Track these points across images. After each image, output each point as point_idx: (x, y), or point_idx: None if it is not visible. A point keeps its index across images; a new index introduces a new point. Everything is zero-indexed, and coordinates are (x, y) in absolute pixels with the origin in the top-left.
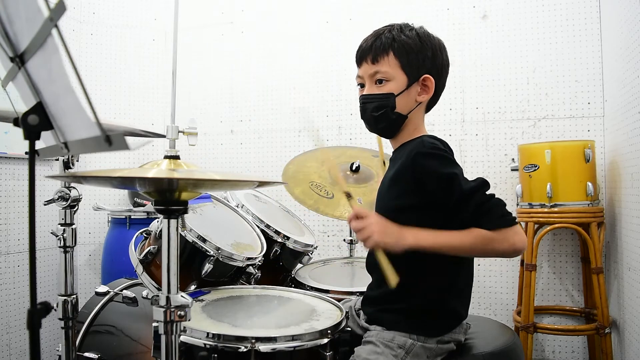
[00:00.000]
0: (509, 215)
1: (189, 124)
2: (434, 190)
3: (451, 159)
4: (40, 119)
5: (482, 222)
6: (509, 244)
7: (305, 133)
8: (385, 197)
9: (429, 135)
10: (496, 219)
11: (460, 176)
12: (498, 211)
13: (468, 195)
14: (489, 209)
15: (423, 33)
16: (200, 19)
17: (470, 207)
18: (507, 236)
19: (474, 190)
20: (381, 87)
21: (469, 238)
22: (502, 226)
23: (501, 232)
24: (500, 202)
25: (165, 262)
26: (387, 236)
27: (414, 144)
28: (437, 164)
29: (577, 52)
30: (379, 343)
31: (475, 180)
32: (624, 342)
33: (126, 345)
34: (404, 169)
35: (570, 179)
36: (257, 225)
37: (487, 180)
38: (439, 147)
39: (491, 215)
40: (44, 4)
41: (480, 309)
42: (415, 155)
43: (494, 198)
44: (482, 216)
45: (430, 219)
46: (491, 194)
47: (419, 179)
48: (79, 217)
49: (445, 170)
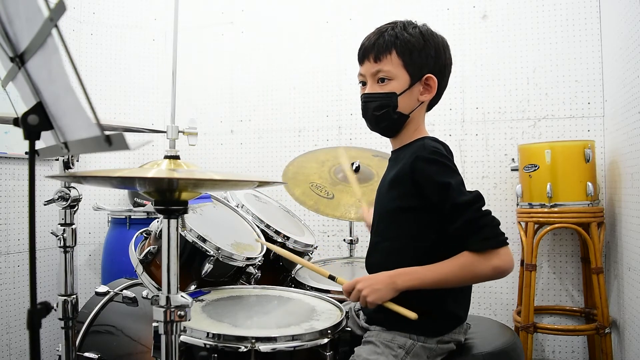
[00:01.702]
0: (498, 236)
1: (189, 124)
2: (429, 195)
3: (450, 167)
4: (40, 119)
5: (468, 241)
6: (492, 268)
7: (305, 133)
8: (384, 198)
9: (431, 137)
10: (482, 240)
11: (455, 186)
12: (487, 231)
13: (461, 209)
14: (479, 227)
15: (426, 31)
16: (200, 19)
17: (460, 220)
18: (492, 259)
19: (467, 205)
20: (383, 86)
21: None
22: (487, 248)
23: (486, 254)
24: (492, 221)
25: (165, 262)
26: (379, 291)
27: (415, 147)
28: (435, 170)
29: (577, 52)
30: (379, 343)
31: (471, 193)
32: (624, 342)
33: (126, 345)
34: (403, 172)
35: (570, 179)
36: (257, 225)
37: (481, 195)
38: (441, 152)
39: (479, 235)
40: (44, 4)
41: (480, 309)
42: (416, 158)
43: (487, 216)
44: (470, 234)
45: (428, 221)
46: (486, 210)
47: (417, 182)
48: (79, 217)
49: (441, 178)
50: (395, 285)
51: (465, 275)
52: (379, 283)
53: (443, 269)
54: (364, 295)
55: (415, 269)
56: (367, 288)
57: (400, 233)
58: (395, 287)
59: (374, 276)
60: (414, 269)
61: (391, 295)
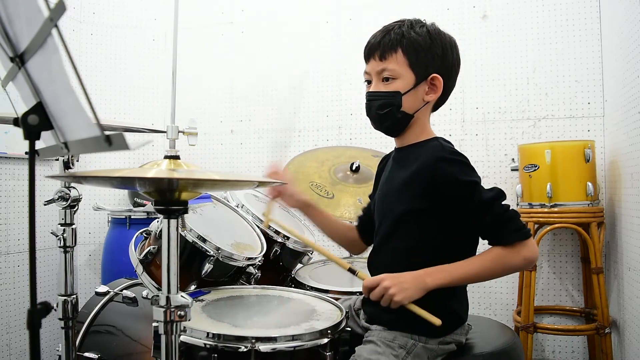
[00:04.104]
0: (525, 227)
1: (189, 124)
2: (450, 196)
3: (471, 166)
4: (40, 119)
5: (498, 236)
6: (521, 258)
7: (304, 133)
8: (393, 197)
9: (442, 138)
10: (512, 232)
11: (480, 185)
12: (514, 224)
13: (487, 205)
14: (506, 221)
15: (434, 30)
16: (200, 19)
17: (487, 217)
18: (521, 250)
19: (493, 200)
20: (388, 84)
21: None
22: (518, 239)
23: (515, 246)
24: (516, 214)
25: (165, 262)
26: (407, 290)
27: (431, 148)
28: (458, 170)
29: (577, 52)
30: (380, 343)
31: (492, 190)
32: (624, 342)
33: (126, 345)
34: (421, 173)
35: (570, 179)
36: (257, 225)
37: (503, 191)
38: (459, 152)
39: (508, 229)
40: (44, 4)
41: (480, 309)
42: (437, 160)
43: (510, 210)
44: (499, 229)
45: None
46: (507, 204)
47: (437, 183)
48: (79, 217)
49: (466, 177)
50: (424, 284)
51: (497, 268)
52: (407, 282)
53: (474, 264)
54: (392, 294)
55: (443, 267)
56: (395, 286)
57: (409, 234)
58: (425, 287)
59: (400, 275)
60: (442, 267)
61: (419, 295)
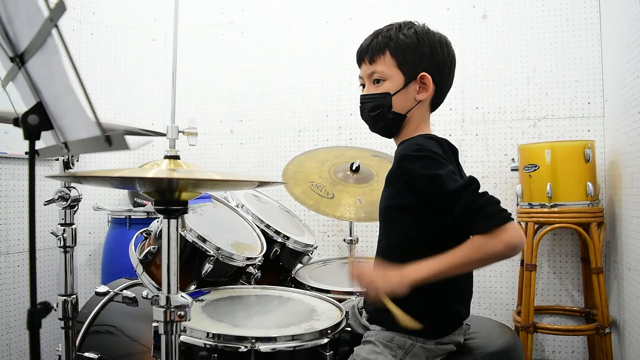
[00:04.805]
0: (502, 212)
1: (189, 124)
2: (421, 192)
3: (436, 159)
4: (40, 119)
5: (473, 224)
6: (503, 244)
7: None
8: (382, 196)
9: (424, 135)
10: (485, 218)
11: (445, 176)
12: (489, 210)
13: (456, 194)
14: (480, 207)
15: (422, 30)
16: (200, 19)
17: (458, 206)
18: (500, 235)
19: (462, 189)
20: (378, 86)
21: (465, 251)
22: (493, 225)
23: (494, 232)
24: (491, 199)
25: (165, 262)
26: (390, 283)
27: (402, 146)
28: (420, 165)
29: (577, 52)
30: (378, 343)
31: (463, 179)
32: (624, 342)
33: (126, 345)
34: (392, 172)
35: (570, 179)
36: (257, 225)
37: (475, 178)
38: (425, 147)
39: (480, 216)
40: (44, 4)
41: (480, 309)
42: (400, 158)
43: (484, 196)
44: (472, 217)
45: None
46: (483, 192)
47: (407, 181)
48: (79, 217)
49: (429, 171)
50: (403, 276)
51: (477, 257)
52: (391, 273)
53: (453, 256)
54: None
55: (425, 261)
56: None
57: (396, 231)
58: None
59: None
60: (424, 261)
61: (401, 288)
